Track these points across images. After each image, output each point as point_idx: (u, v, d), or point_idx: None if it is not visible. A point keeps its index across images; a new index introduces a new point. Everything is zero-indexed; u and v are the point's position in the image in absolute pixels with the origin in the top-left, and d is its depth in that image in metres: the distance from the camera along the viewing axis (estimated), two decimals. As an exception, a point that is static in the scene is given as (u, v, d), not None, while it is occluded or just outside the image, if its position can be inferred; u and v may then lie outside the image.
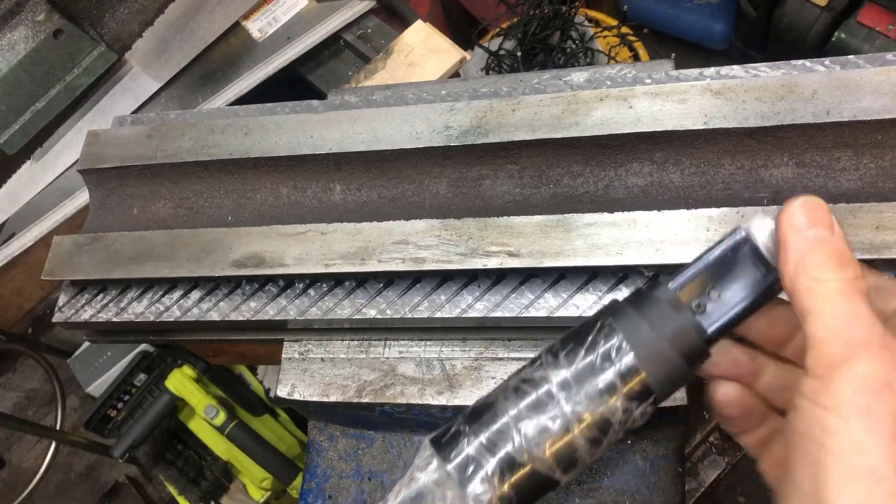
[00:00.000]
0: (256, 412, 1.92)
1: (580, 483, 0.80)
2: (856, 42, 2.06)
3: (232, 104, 1.52)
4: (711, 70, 0.77)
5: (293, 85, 1.61)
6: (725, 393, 0.51)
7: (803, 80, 0.69)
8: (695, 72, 0.78)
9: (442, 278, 0.75)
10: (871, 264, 0.64)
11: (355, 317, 0.76)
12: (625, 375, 0.46)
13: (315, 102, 0.92)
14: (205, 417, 1.76)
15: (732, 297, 0.48)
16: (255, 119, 0.87)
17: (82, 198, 1.50)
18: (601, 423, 0.46)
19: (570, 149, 0.75)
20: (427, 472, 0.48)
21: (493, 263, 0.71)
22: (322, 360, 0.82)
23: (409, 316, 0.75)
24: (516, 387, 0.49)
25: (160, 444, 1.90)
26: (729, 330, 0.48)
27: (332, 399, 0.79)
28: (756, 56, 2.57)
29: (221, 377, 1.93)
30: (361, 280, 0.78)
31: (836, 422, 0.37)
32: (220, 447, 1.83)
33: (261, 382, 1.97)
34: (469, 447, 0.47)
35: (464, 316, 0.73)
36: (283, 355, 0.83)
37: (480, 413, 0.49)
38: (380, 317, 0.76)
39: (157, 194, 0.91)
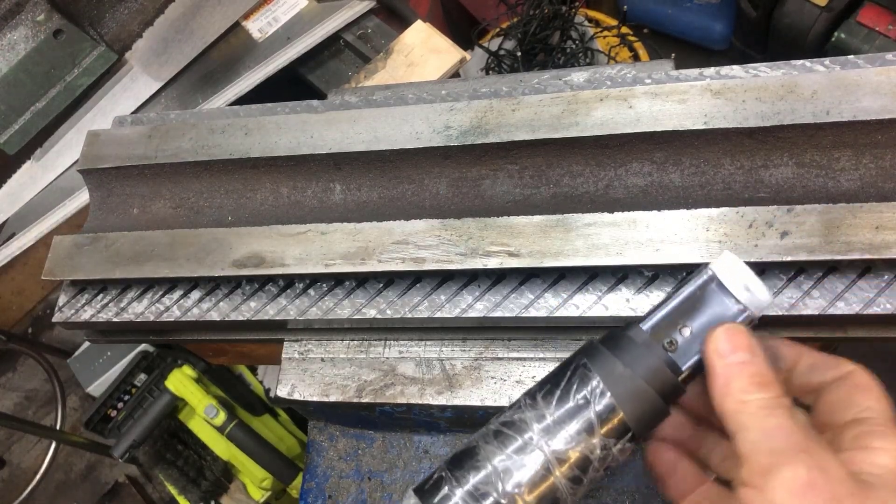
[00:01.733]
0: (256, 412, 1.92)
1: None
2: (856, 42, 2.07)
3: (232, 104, 1.52)
4: (711, 70, 0.77)
5: (293, 85, 1.61)
6: (660, 456, 0.54)
7: (803, 80, 0.69)
8: (695, 72, 0.78)
9: (442, 278, 0.75)
10: (871, 264, 0.64)
11: (355, 317, 0.76)
12: (602, 414, 0.47)
13: (315, 102, 0.93)
14: (205, 417, 1.76)
15: (702, 333, 0.49)
16: (255, 119, 0.87)
17: (82, 198, 1.50)
18: (581, 461, 0.47)
19: (570, 149, 0.75)
20: None
21: (493, 263, 0.71)
22: (322, 360, 0.82)
23: (409, 316, 0.75)
24: (497, 430, 0.49)
25: (160, 444, 1.90)
26: (702, 364, 0.49)
27: (332, 399, 0.79)
28: (756, 56, 2.57)
29: (221, 377, 1.93)
30: (361, 280, 0.78)
31: None
32: (220, 447, 1.83)
33: (261, 382, 1.97)
34: (454, 496, 0.47)
35: (464, 316, 0.73)
36: (283, 355, 0.83)
37: (462, 459, 0.49)
38: (380, 317, 0.76)
39: (157, 194, 0.91)
